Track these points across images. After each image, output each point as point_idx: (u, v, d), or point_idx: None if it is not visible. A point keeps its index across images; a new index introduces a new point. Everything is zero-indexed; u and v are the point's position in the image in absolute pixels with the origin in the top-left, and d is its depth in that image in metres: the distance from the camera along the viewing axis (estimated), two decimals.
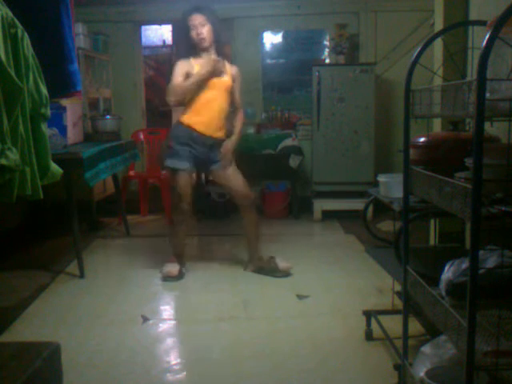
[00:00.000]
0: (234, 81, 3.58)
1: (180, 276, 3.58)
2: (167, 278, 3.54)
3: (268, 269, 3.60)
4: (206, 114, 3.47)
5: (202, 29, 3.45)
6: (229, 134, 3.62)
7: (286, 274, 3.58)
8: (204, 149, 3.50)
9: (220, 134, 3.55)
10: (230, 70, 3.58)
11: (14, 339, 2.61)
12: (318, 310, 3.02)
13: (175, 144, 3.47)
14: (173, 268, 3.57)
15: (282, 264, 3.60)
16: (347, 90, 5.20)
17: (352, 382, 2.26)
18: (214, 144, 3.53)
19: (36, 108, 2.47)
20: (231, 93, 3.58)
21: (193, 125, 3.46)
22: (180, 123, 3.52)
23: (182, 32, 3.55)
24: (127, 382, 2.29)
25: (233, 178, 3.58)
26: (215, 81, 3.48)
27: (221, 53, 3.58)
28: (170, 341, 2.73)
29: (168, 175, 3.82)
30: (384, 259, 2.54)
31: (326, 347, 2.56)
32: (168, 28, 8.09)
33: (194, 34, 3.46)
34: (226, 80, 3.53)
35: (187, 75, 3.43)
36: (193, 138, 3.47)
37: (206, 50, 3.49)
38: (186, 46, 3.55)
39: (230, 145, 3.56)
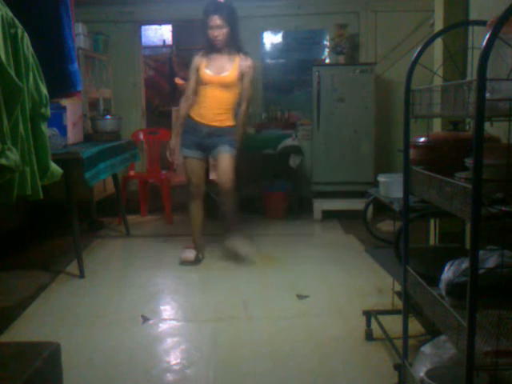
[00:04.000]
0: (242, 74, 3.78)
1: (196, 261, 3.84)
2: (184, 263, 3.82)
3: (231, 251, 3.84)
4: (202, 106, 3.79)
5: (219, 31, 3.69)
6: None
7: (247, 258, 3.78)
8: (201, 135, 3.77)
9: (217, 124, 3.77)
10: (239, 64, 3.76)
11: (14, 339, 2.60)
12: (318, 310, 3.02)
13: (182, 133, 3.86)
14: (189, 254, 3.85)
15: (244, 249, 3.82)
16: (347, 90, 5.20)
17: (352, 382, 2.26)
18: (213, 131, 3.77)
19: (36, 108, 2.47)
20: (237, 86, 3.79)
21: (191, 116, 3.82)
22: (188, 115, 3.87)
23: (202, 27, 3.77)
24: (127, 382, 2.29)
25: (223, 161, 3.75)
26: (215, 77, 3.74)
27: (237, 50, 3.77)
28: (169, 341, 2.73)
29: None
30: (384, 259, 2.54)
31: (327, 347, 2.56)
32: (168, 28, 8.07)
33: (210, 34, 3.71)
34: (225, 76, 3.74)
35: (196, 71, 3.78)
36: (192, 126, 3.81)
37: (220, 50, 3.74)
38: (204, 40, 3.82)
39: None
